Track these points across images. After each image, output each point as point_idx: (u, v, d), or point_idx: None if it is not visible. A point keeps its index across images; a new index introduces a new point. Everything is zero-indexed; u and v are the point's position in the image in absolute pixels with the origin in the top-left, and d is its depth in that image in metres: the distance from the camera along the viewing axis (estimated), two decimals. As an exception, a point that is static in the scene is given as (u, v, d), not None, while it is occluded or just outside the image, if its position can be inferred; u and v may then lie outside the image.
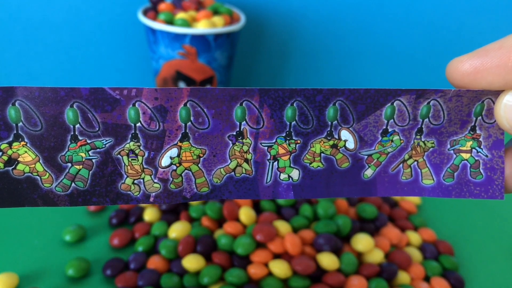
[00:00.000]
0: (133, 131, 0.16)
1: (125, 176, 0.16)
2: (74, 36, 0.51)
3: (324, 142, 0.17)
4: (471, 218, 0.37)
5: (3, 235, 0.32)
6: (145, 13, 0.43)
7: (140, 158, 0.16)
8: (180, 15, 0.40)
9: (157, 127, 0.16)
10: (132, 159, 0.16)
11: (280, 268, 0.27)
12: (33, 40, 0.50)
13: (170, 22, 0.40)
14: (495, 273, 0.32)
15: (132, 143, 0.16)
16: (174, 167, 0.16)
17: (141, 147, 0.16)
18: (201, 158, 0.17)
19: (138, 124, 0.16)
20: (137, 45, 0.53)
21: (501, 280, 0.31)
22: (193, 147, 0.16)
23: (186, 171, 0.17)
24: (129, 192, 0.16)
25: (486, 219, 0.38)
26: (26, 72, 0.52)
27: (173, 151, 0.16)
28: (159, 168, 0.16)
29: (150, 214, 0.33)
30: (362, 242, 0.29)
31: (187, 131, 0.16)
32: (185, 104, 0.16)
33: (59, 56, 0.52)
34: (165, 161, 0.16)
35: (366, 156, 0.17)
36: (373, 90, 0.16)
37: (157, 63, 0.42)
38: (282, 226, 0.29)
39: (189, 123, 0.16)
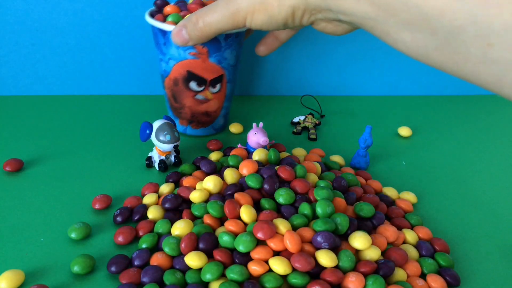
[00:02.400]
0: None
1: None
2: (80, 39, 0.52)
3: None
4: (466, 216, 0.38)
5: (9, 232, 0.32)
6: (152, 16, 0.43)
7: None
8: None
9: None
10: None
11: (280, 265, 0.27)
12: (39, 43, 0.51)
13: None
14: (490, 270, 0.32)
15: None
16: None
17: None
18: None
19: None
20: (142, 47, 0.53)
21: (496, 277, 0.31)
22: None
23: None
24: None
25: (481, 217, 0.38)
26: (32, 75, 0.53)
27: None
28: None
29: (153, 212, 0.34)
30: (359, 240, 0.30)
31: None
32: None
33: (65, 59, 0.53)
34: None
35: None
36: None
37: (167, 64, 0.42)
38: (282, 224, 0.30)
39: None
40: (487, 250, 0.34)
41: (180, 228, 0.31)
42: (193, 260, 0.28)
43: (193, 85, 0.42)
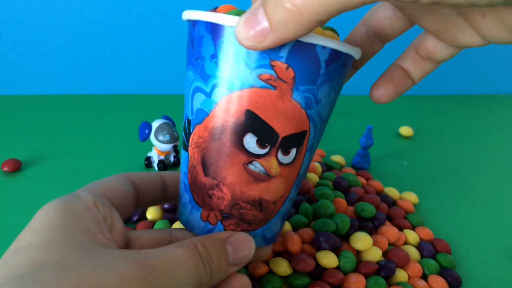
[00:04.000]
0: None
1: None
2: (78, 38, 0.51)
3: None
4: (468, 217, 0.38)
5: (7, 233, 0.32)
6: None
7: None
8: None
9: None
10: None
11: (280, 266, 0.27)
12: (37, 42, 0.51)
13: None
14: (492, 271, 0.32)
15: None
16: None
17: None
18: None
19: None
20: (141, 46, 0.53)
21: (498, 278, 0.31)
22: None
23: None
24: None
25: (482, 217, 0.38)
26: (30, 74, 0.53)
27: None
28: None
29: (152, 212, 0.34)
30: (360, 240, 0.30)
31: None
32: None
33: (63, 58, 0.52)
34: None
35: None
36: None
37: (208, 98, 0.21)
38: (282, 225, 0.30)
39: None
40: (489, 251, 0.34)
41: (179, 228, 0.31)
42: (193, 261, 0.28)
43: (250, 141, 0.21)
